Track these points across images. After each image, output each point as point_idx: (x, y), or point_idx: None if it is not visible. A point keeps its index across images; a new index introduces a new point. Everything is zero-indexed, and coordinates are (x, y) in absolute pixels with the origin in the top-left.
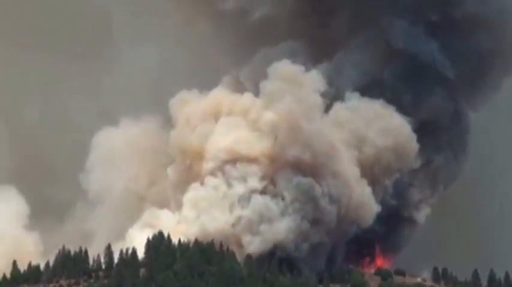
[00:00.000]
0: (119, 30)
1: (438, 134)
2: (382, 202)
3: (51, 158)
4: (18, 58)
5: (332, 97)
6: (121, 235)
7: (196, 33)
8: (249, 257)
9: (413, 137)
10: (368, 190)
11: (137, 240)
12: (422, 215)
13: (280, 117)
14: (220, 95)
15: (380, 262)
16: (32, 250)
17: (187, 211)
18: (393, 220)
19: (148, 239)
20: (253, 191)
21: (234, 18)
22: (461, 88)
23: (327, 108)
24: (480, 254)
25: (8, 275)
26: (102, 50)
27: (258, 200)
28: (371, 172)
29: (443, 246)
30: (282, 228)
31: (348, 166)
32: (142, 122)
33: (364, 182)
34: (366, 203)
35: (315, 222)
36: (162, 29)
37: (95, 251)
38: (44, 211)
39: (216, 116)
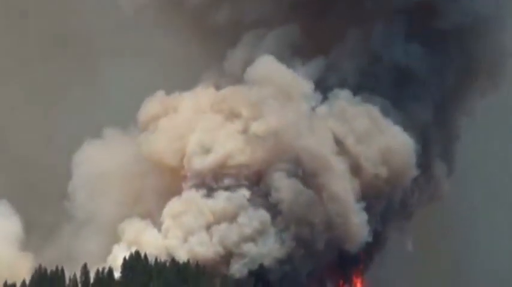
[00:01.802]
0: (101, 45)
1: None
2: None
3: (36, 176)
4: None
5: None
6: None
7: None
8: (225, 277)
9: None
10: (364, 216)
11: (120, 259)
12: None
13: (266, 132)
14: (200, 93)
15: (356, 284)
16: (26, 272)
17: (172, 231)
18: (376, 245)
19: (124, 259)
20: (240, 206)
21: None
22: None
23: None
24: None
25: None
26: (85, 65)
27: (246, 215)
28: (367, 195)
29: (419, 268)
30: (269, 248)
31: (343, 188)
32: (127, 134)
33: (360, 207)
34: (359, 231)
35: (303, 243)
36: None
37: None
38: (32, 230)
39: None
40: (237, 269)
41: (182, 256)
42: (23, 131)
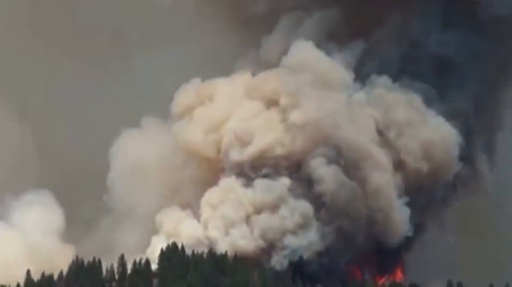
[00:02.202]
0: (140, 34)
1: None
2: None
3: (76, 167)
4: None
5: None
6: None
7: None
8: (263, 269)
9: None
10: (406, 212)
11: (158, 251)
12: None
13: (305, 121)
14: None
15: (396, 275)
16: (66, 263)
17: (211, 222)
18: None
19: (161, 250)
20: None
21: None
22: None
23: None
24: (495, 269)
25: (22, 285)
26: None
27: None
28: (409, 189)
29: (457, 260)
30: (310, 241)
31: (386, 182)
32: (165, 122)
33: (402, 202)
34: (401, 226)
35: (343, 236)
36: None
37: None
38: (73, 222)
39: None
40: (278, 261)
41: (223, 249)
42: (62, 121)
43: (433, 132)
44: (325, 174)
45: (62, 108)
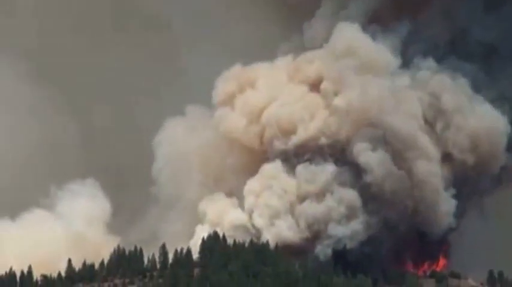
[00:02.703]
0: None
1: None
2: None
3: (122, 159)
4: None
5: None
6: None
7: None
8: (304, 257)
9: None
10: (452, 204)
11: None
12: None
13: (350, 106)
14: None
15: (439, 264)
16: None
17: (256, 211)
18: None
19: (203, 239)
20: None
21: None
22: None
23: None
24: None
25: (63, 274)
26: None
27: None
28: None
29: (499, 249)
30: (355, 231)
31: (433, 173)
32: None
33: (449, 194)
34: (446, 218)
35: (387, 224)
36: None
37: None
38: (119, 212)
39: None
40: (321, 250)
41: (269, 239)
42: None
43: (480, 122)
44: (372, 162)
45: (107, 97)
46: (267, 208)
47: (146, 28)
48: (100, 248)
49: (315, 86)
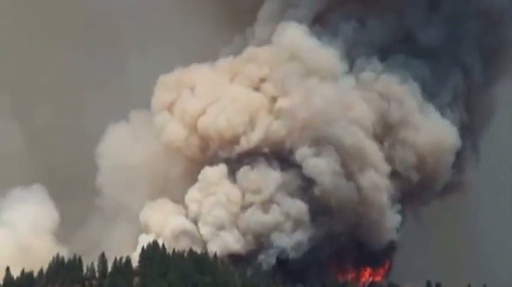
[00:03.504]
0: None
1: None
2: None
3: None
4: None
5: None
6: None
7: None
8: (244, 266)
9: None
10: (397, 220)
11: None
12: None
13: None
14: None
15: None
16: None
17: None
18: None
19: (142, 248)
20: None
21: None
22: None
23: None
24: (473, 269)
25: (1, 282)
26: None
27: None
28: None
29: (436, 260)
30: (299, 241)
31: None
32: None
33: (395, 210)
34: (389, 233)
35: (330, 235)
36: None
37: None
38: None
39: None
40: (265, 259)
41: (215, 250)
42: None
43: (428, 136)
44: (319, 170)
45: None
46: (212, 217)
47: (90, 28)
48: (47, 259)
49: (257, 87)
